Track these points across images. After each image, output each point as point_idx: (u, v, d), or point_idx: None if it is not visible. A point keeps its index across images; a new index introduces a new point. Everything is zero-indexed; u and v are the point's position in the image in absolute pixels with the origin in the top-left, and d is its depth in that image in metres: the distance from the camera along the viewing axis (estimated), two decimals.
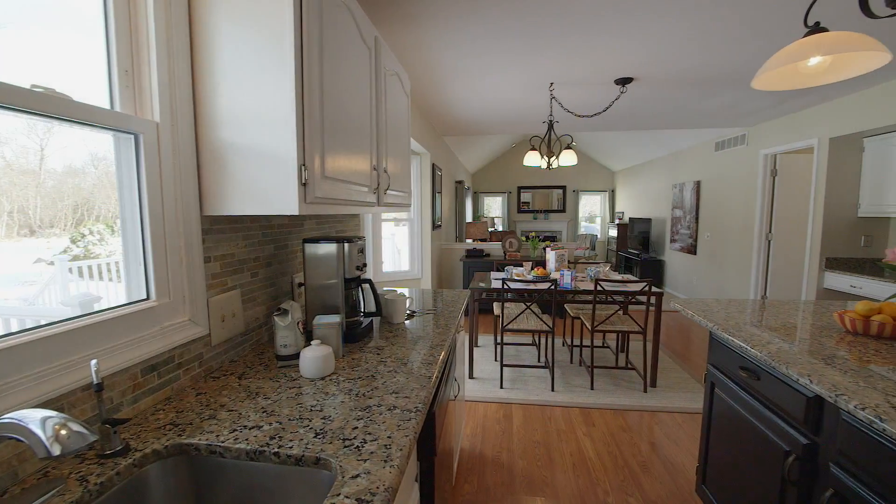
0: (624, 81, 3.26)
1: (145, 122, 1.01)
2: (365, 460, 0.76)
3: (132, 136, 1.01)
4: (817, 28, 1.28)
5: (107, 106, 0.98)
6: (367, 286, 1.57)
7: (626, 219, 9.04)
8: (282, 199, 1.08)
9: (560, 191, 10.51)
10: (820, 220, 4.02)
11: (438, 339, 1.49)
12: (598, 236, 10.49)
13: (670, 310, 5.39)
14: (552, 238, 10.39)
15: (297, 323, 1.25)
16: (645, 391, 3.03)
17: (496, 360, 3.63)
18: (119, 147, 1.01)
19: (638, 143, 7.40)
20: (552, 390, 3.05)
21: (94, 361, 0.78)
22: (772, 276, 4.82)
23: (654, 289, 2.95)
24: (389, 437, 0.84)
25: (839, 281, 3.77)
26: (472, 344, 3.30)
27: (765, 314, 1.75)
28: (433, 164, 4.89)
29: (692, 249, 6.31)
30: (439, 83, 3.36)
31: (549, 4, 2.04)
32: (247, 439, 0.84)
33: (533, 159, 3.49)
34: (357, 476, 0.72)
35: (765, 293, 4.89)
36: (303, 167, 1.08)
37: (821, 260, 4.01)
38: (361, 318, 1.55)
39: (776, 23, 2.23)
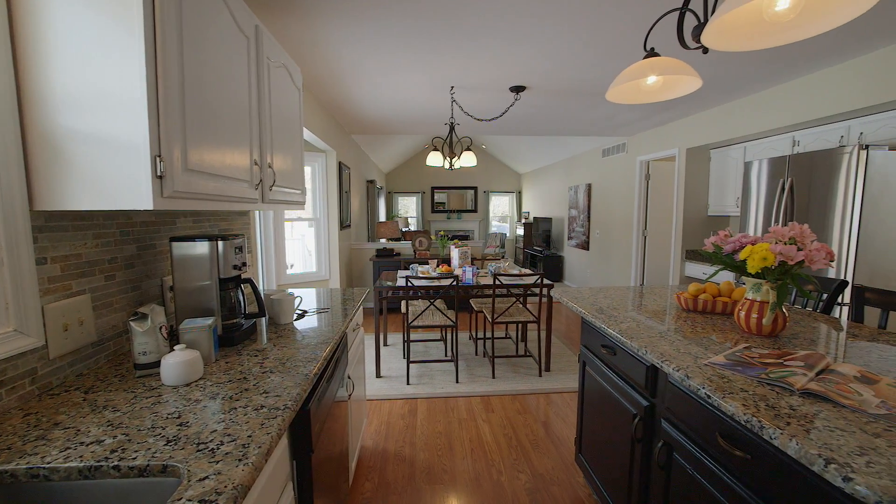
0: (518, 89, 3.50)
1: None
2: (218, 462, 0.74)
3: None
4: (652, 53, 1.50)
5: None
6: (248, 287, 1.50)
7: (531, 218, 9.67)
8: (133, 193, 0.99)
9: (472, 191, 10.90)
10: (681, 219, 4.71)
11: (325, 337, 1.47)
12: (508, 235, 11.07)
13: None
14: (465, 237, 10.74)
15: (160, 328, 1.15)
16: (540, 375, 3.29)
17: (405, 357, 3.66)
18: None
19: (540, 148, 7.96)
20: (457, 382, 3.17)
21: None
22: (647, 266, 5.52)
23: (545, 281, 3.21)
24: (249, 437, 0.82)
25: (695, 269, 4.45)
26: (378, 343, 3.29)
27: (624, 298, 2.00)
28: (340, 163, 4.77)
29: (586, 245, 6.96)
30: (342, 80, 3.30)
31: (438, 8, 2.12)
32: (81, 456, 0.76)
33: (435, 159, 3.59)
34: (205, 478, 0.69)
35: (642, 281, 5.57)
36: (158, 158, 0.99)
37: (682, 252, 4.69)
38: (242, 321, 1.47)
39: (629, 48, 2.58)
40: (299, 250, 4.89)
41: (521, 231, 9.90)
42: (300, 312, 1.80)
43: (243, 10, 1.45)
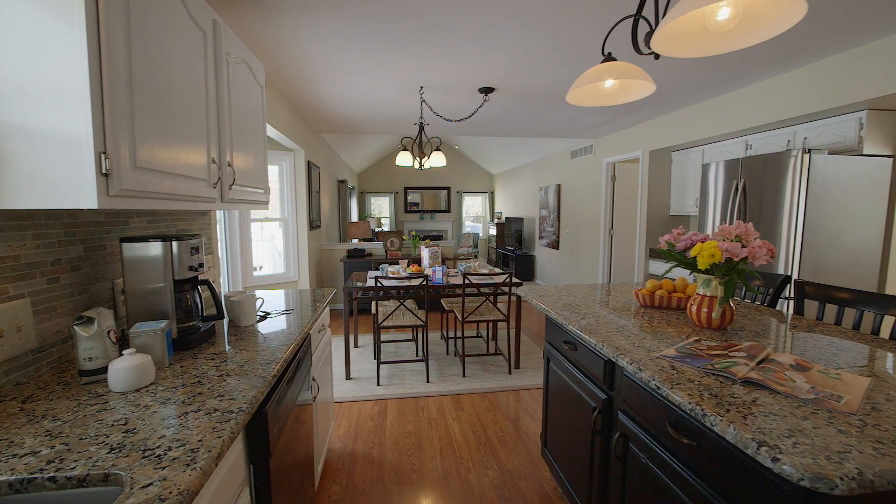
0: (486, 91, 3.54)
1: None
2: (164, 468, 0.71)
3: None
4: (609, 57, 1.55)
5: None
6: (206, 289, 1.45)
7: (503, 218, 9.78)
8: (76, 192, 0.94)
9: (445, 192, 10.93)
10: (645, 218, 4.87)
11: (287, 339, 1.45)
12: (481, 235, 11.16)
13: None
14: (438, 237, 10.75)
15: (108, 332, 1.10)
16: (510, 373, 3.34)
17: (375, 358, 3.64)
18: None
19: (511, 149, 8.07)
20: (427, 382, 3.17)
21: None
22: (614, 264, 5.69)
23: (513, 280, 3.26)
24: (200, 441, 0.80)
25: (658, 267, 4.62)
26: (348, 344, 3.25)
27: (586, 296, 2.06)
28: (309, 162, 4.69)
29: (556, 245, 7.10)
30: (310, 79, 3.24)
31: (403, 8, 2.12)
32: (12, 469, 0.72)
33: (405, 159, 3.58)
34: (149, 485, 0.67)
35: (609, 279, 5.74)
36: (103, 155, 0.95)
37: (646, 250, 4.86)
38: (199, 323, 1.43)
39: (591, 53, 2.66)
40: (269, 251, 4.78)
41: (493, 231, 10.00)
42: (262, 314, 1.76)
43: (199, 3, 1.41)
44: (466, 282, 3.17)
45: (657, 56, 1.33)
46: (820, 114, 2.99)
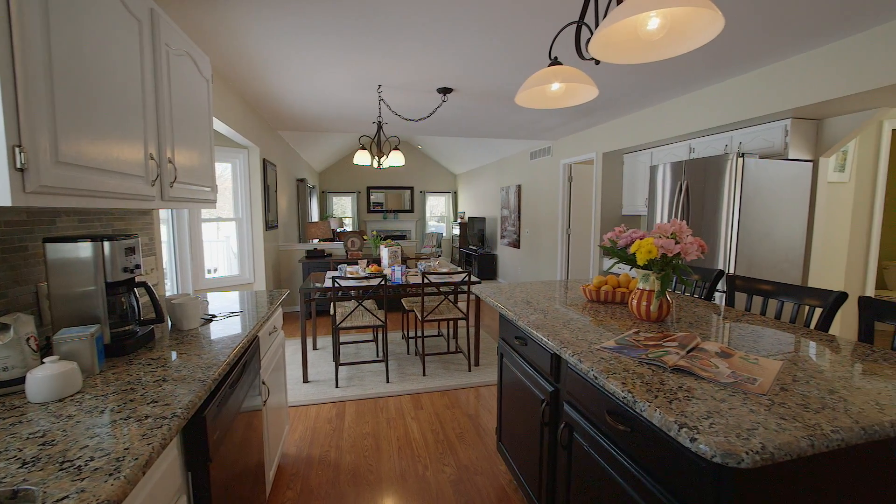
0: (445, 91, 3.56)
1: None
2: (83, 479, 0.68)
3: None
4: (555, 62, 1.61)
5: None
6: (143, 291, 1.38)
7: (466, 218, 9.86)
8: None
9: (408, 191, 10.89)
10: (599, 217, 5.07)
11: (232, 341, 1.40)
12: (444, 234, 11.21)
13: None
14: (401, 237, 10.70)
15: (27, 339, 1.03)
16: (470, 370, 3.38)
17: (335, 360, 3.58)
18: None
19: (474, 149, 8.15)
20: (387, 382, 3.16)
21: None
22: (572, 262, 5.88)
23: (472, 279, 3.30)
24: (126, 449, 0.76)
25: (611, 264, 4.81)
26: (305, 347, 3.18)
27: (539, 293, 2.12)
28: (264, 160, 4.54)
29: (517, 244, 7.25)
30: (264, 74, 3.14)
31: (356, 6, 2.10)
32: None
33: (363, 158, 3.55)
34: (64, 498, 0.63)
35: (567, 276, 5.92)
36: (17, 148, 0.89)
37: (600, 248, 5.06)
38: (136, 328, 1.36)
39: (542, 57, 2.73)
40: (225, 253, 4.59)
41: (457, 231, 10.07)
42: (208, 317, 1.70)
43: None
44: (426, 281, 3.18)
45: (597, 62, 1.39)
46: (752, 121, 3.22)
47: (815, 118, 3.11)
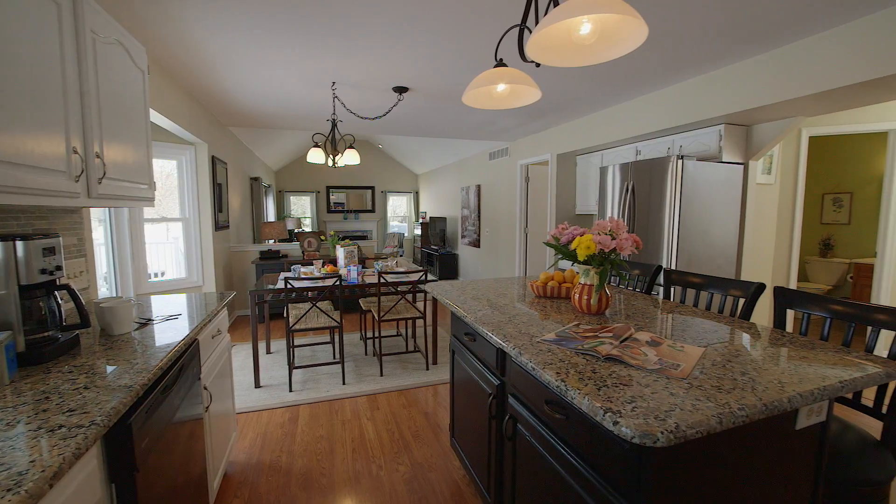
0: (401, 90, 3.55)
1: None
2: None
3: None
4: (500, 63, 1.65)
5: None
6: (66, 295, 1.29)
7: (428, 218, 9.87)
8: None
9: (369, 191, 10.76)
10: (554, 217, 5.22)
11: (167, 346, 1.34)
12: (406, 234, 11.17)
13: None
14: (363, 237, 10.57)
15: None
16: (427, 369, 3.39)
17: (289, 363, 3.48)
18: None
19: (434, 149, 8.17)
20: (343, 384, 3.11)
21: None
22: (529, 260, 6.02)
23: (429, 277, 3.31)
24: (32, 462, 0.71)
25: (566, 263, 4.97)
26: (256, 351, 3.08)
27: (489, 290, 2.17)
28: (213, 157, 4.35)
29: (477, 243, 7.34)
30: (212, 68, 3.01)
31: (305, 2, 2.06)
32: None
33: (317, 156, 3.47)
34: None
35: (525, 274, 6.06)
36: None
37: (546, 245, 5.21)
38: (57, 334, 1.27)
39: (491, 58, 2.78)
40: (174, 255, 4.35)
41: (418, 231, 10.06)
42: (142, 321, 1.61)
43: None
44: (382, 280, 3.16)
45: (538, 64, 1.44)
46: (691, 125, 3.43)
47: (745, 124, 3.36)
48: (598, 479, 0.99)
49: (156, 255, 4.34)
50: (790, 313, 3.61)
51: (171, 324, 1.60)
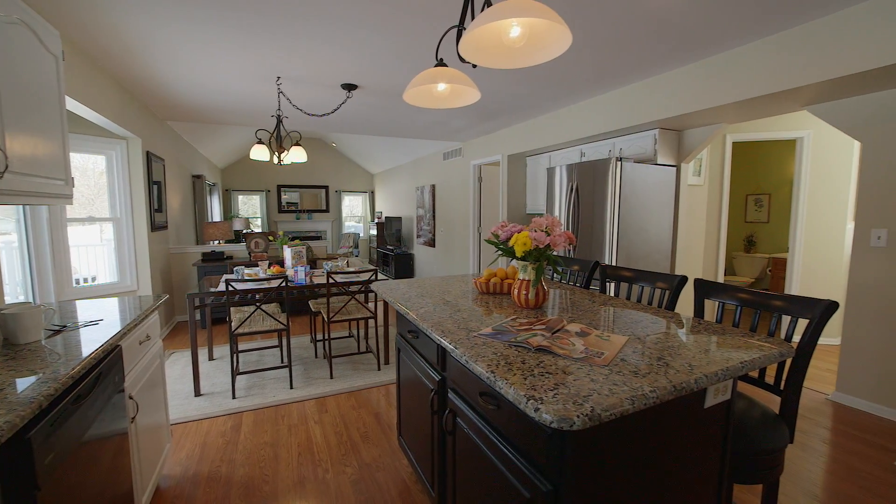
0: (349, 87, 3.50)
1: None
2: None
3: None
4: (441, 63, 1.67)
5: None
6: None
7: (383, 218, 9.79)
8: None
9: (323, 191, 10.50)
10: (506, 216, 5.34)
11: (82, 353, 1.24)
12: (362, 235, 11.01)
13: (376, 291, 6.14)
14: (316, 238, 10.30)
15: None
16: (379, 369, 3.36)
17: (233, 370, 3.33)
18: None
19: (390, 149, 8.11)
20: (291, 388, 3.02)
21: None
22: (483, 259, 6.12)
23: (381, 276, 3.29)
24: None
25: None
26: (196, 357, 2.92)
27: (437, 287, 2.19)
28: (148, 153, 4.08)
29: (432, 243, 7.36)
30: (144, 57, 2.82)
31: None
32: None
33: (260, 153, 3.35)
34: None
35: (479, 273, 6.16)
36: None
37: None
38: None
39: (433, 58, 2.82)
40: (107, 257, 4.03)
41: (374, 231, 9.94)
42: (56, 328, 1.49)
43: None
44: (331, 281, 3.10)
45: (475, 65, 1.47)
46: (629, 129, 3.63)
47: (677, 129, 3.60)
48: (526, 466, 1.03)
49: (85, 259, 4.01)
50: (708, 303, 3.91)
51: (89, 330, 1.49)
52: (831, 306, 1.28)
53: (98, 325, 1.55)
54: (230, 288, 2.78)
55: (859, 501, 1.88)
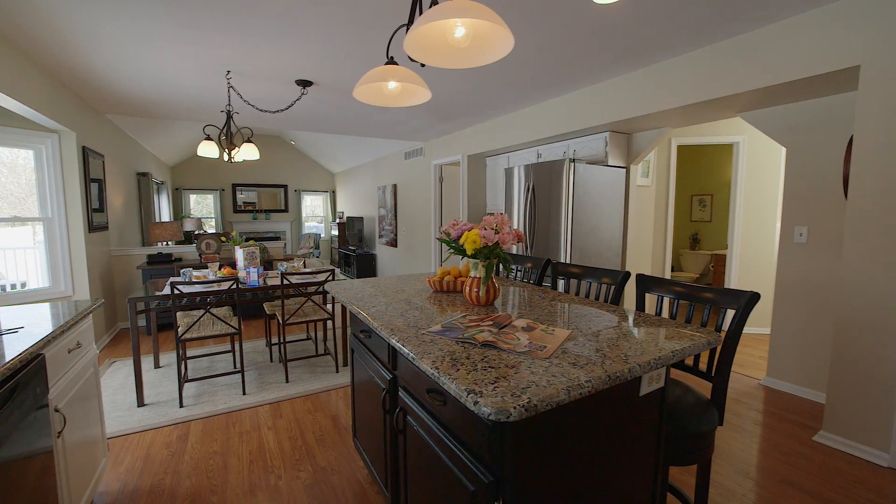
0: (304, 83, 3.42)
1: None
2: None
3: None
4: (391, 61, 1.66)
5: None
6: None
7: (345, 218, 9.62)
8: None
9: (282, 190, 10.19)
10: (466, 216, 5.39)
11: None
12: (323, 235, 10.77)
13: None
14: (275, 239, 9.98)
15: None
16: (337, 371, 3.31)
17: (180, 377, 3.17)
18: None
19: (350, 148, 7.98)
20: (244, 394, 2.91)
21: None
22: (445, 259, 6.14)
23: (339, 277, 3.23)
24: None
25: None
26: (139, 366, 2.76)
27: (391, 286, 2.18)
28: (84, 148, 3.81)
29: (394, 243, 7.32)
30: (75, 45, 2.63)
31: None
32: None
33: (208, 150, 3.21)
34: None
35: None
36: None
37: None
38: None
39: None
40: (37, 261, 3.72)
41: (336, 231, 9.75)
42: None
43: None
44: (285, 282, 3.02)
45: (423, 64, 1.47)
46: (582, 132, 3.76)
47: (626, 132, 3.76)
48: (470, 459, 1.04)
49: (14, 263, 3.70)
50: (650, 296, 4.13)
51: (8, 338, 1.37)
52: (753, 297, 1.38)
53: (17, 332, 1.43)
54: (176, 291, 2.64)
55: (781, 473, 2.05)
